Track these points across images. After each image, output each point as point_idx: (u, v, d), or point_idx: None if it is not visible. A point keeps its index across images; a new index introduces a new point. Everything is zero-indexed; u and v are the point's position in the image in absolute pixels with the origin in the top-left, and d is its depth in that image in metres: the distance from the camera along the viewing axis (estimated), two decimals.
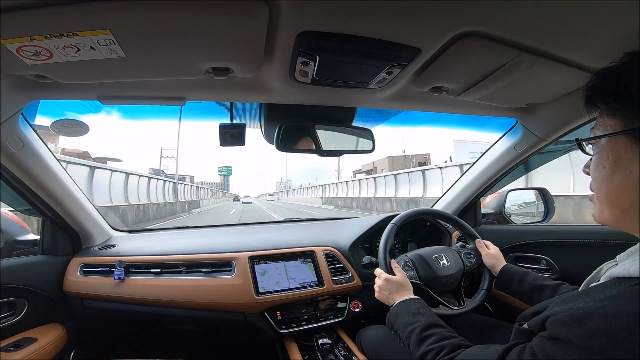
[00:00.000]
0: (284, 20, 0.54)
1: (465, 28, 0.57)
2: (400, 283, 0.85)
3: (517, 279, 0.88)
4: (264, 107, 0.95)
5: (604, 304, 0.37)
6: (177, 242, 1.31)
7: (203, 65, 0.64)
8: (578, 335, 0.37)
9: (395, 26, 0.55)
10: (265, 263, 1.18)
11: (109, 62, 0.59)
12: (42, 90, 0.73)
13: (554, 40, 0.61)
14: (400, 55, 0.63)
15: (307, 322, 1.14)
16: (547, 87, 0.83)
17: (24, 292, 1.00)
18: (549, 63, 0.68)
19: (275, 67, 0.69)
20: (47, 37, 0.50)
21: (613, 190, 0.44)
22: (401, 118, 1.16)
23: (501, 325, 0.98)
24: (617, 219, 0.45)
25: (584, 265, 1.04)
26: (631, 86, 0.41)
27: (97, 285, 1.09)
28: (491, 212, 1.53)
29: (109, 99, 0.80)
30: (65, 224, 1.13)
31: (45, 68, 0.60)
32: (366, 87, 0.79)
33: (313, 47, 0.60)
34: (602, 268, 0.51)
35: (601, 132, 0.45)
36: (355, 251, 1.30)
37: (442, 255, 1.01)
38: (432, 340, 0.62)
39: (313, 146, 0.95)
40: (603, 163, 0.44)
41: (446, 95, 0.84)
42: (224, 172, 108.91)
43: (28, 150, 0.87)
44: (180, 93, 0.81)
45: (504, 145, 1.22)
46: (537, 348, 0.42)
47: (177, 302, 1.08)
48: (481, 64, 0.69)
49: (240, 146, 0.93)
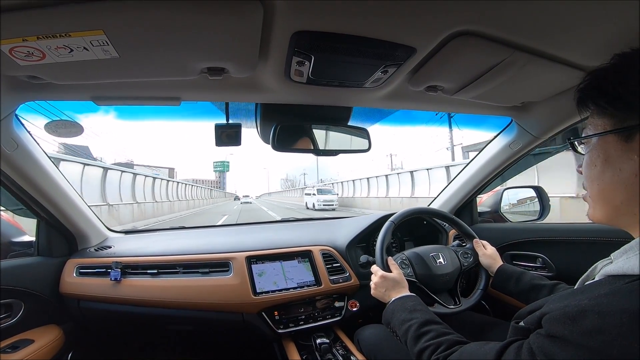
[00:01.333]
0: (278, 20, 0.53)
1: (459, 27, 0.57)
2: (396, 280, 0.85)
3: (514, 278, 0.88)
4: (260, 106, 0.95)
5: (599, 301, 0.37)
6: (173, 243, 1.30)
7: (198, 65, 0.64)
8: (573, 333, 0.37)
9: (389, 25, 0.56)
10: (263, 263, 1.18)
11: (102, 63, 0.59)
12: (35, 91, 0.73)
13: (548, 39, 0.61)
14: (395, 54, 0.63)
15: (305, 322, 1.14)
16: (541, 85, 0.83)
17: (20, 293, 1.00)
18: (543, 62, 0.68)
19: (270, 66, 0.69)
20: (39, 38, 0.50)
21: (604, 188, 0.44)
22: (397, 117, 1.16)
23: (498, 323, 0.98)
24: (609, 216, 0.45)
25: (579, 263, 1.05)
26: (619, 86, 0.41)
27: (94, 287, 1.09)
28: (487, 211, 1.54)
29: (103, 100, 0.79)
30: (60, 225, 1.12)
31: (38, 69, 0.60)
32: (362, 86, 0.79)
33: (308, 46, 0.60)
34: (597, 266, 0.51)
35: (592, 132, 0.45)
36: (352, 250, 1.30)
37: (439, 253, 1.02)
38: (429, 337, 0.62)
39: (309, 146, 0.95)
40: (594, 162, 0.45)
41: (441, 94, 0.84)
42: (220, 169, 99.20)
43: (22, 151, 0.86)
44: (175, 93, 0.81)
45: (499, 143, 1.22)
46: (535, 345, 0.42)
47: (174, 302, 1.07)
48: (476, 63, 0.69)
49: (237, 146, 0.93)
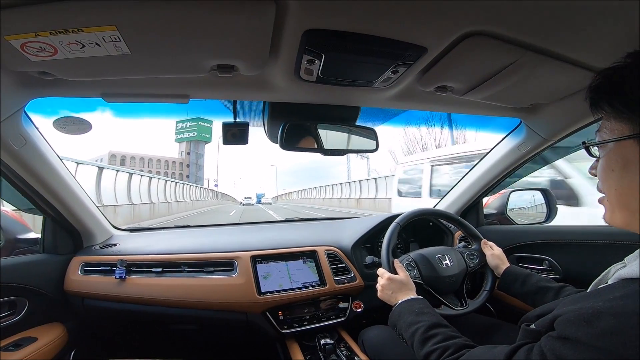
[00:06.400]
0: (290, 18, 0.53)
1: (471, 27, 0.57)
2: (403, 282, 0.85)
3: (520, 280, 0.88)
4: (268, 105, 0.95)
5: (613, 303, 0.37)
6: (178, 241, 1.30)
7: (208, 62, 0.64)
8: (587, 335, 0.37)
9: (401, 25, 0.55)
10: (267, 263, 1.17)
11: (113, 59, 0.59)
12: (45, 88, 0.73)
13: (559, 39, 0.61)
14: (406, 54, 0.63)
15: (309, 322, 1.14)
16: (552, 87, 0.83)
17: (25, 291, 1.00)
18: (554, 63, 0.68)
19: (280, 65, 0.69)
20: (52, 33, 0.50)
21: (623, 193, 0.44)
22: (405, 117, 1.16)
23: (503, 326, 0.97)
24: (627, 221, 0.45)
25: (587, 265, 1.05)
26: (638, 89, 0.40)
27: (98, 285, 1.08)
28: (493, 213, 1.53)
29: (113, 97, 0.79)
30: (66, 222, 1.12)
31: (50, 65, 0.60)
32: (371, 86, 0.79)
33: (319, 45, 0.60)
34: (611, 270, 0.51)
35: (608, 136, 0.45)
36: (357, 251, 1.29)
37: (445, 255, 1.01)
38: (437, 340, 0.62)
39: (316, 145, 0.95)
40: (612, 166, 0.44)
41: (451, 94, 0.84)
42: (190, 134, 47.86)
43: (30, 147, 0.86)
44: (184, 91, 0.81)
45: (508, 145, 1.21)
46: (546, 348, 0.42)
47: (179, 301, 1.07)
48: (487, 64, 0.69)
49: (244, 144, 0.93)
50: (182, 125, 47.01)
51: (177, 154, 55.00)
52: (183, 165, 53.46)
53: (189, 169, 52.91)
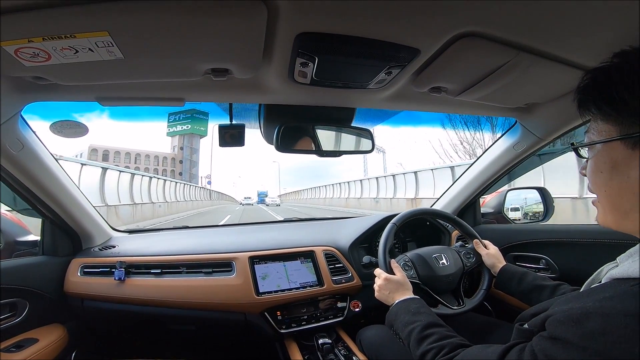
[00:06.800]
0: (282, 21, 0.53)
1: (464, 28, 0.57)
2: (400, 282, 0.85)
3: (516, 278, 0.88)
4: (263, 107, 0.95)
5: (603, 304, 0.37)
6: (177, 243, 1.31)
7: (202, 66, 0.64)
8: (577, 335, 0.37)
9: (394, 27, 0.55)
10: (265, 263, 1.18)
11: (107, 64, 0.59)
12: (40, 92, 0.73)
13: (552, 40, 0.61)
14: (399, 55, 0.63)
15: (307, 322, 1.15)
16: (546, 87, 0.83)
17: (25, 293, 1.00)
18: (547, 63, 0.68)
19: (274, 68, 0.69)
20: (45, 39, 0.50)
21: (613, 194, 0.43)
22: (401, 118, 1.16)
23: (501, 325, 0.98)
24: (618, 222, 0.45)
25: (583, 264, 1.06)
26: (624, 90, 0.39)
27: (98, 286, 1.09)
28: (490, 212, 1.54)
29: (108, 100, 0.80)
30: (65, 224, 1.13)
31: (44, 70, 0.60)
32: (365, 87, 0.79)
33: (312, 48, 0.60)
34: (603, 269, 0.51)
35: (596, 137, 0.44)
36: (355, 251, 1.30)
37: (442, 254, 1.01)
38: (432, 340, 0.62)
39: (313, 147, 0.95)
40: (600, 168, 0.44)
41: (445, 95, 0.84)
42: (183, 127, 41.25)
43: (27, 151, 0.87)
44: (179, 94, 0.81)
45: (503, 145, 1.22)
46: (537, 348, 0.42)
47: (178, 302, 1.08)
48: (480, 64, 0.69)
49: (240, 146, 0.93)
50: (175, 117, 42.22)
51: (169, 149, 49.84)
52: (175, 162, 48.44)
53: (182, 165, 48.10)
